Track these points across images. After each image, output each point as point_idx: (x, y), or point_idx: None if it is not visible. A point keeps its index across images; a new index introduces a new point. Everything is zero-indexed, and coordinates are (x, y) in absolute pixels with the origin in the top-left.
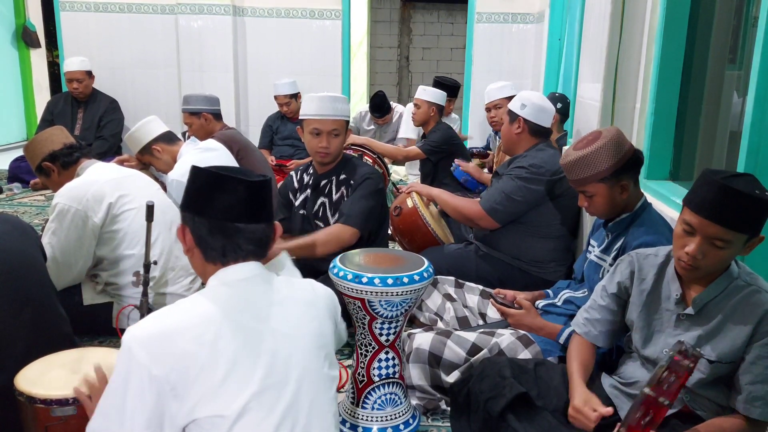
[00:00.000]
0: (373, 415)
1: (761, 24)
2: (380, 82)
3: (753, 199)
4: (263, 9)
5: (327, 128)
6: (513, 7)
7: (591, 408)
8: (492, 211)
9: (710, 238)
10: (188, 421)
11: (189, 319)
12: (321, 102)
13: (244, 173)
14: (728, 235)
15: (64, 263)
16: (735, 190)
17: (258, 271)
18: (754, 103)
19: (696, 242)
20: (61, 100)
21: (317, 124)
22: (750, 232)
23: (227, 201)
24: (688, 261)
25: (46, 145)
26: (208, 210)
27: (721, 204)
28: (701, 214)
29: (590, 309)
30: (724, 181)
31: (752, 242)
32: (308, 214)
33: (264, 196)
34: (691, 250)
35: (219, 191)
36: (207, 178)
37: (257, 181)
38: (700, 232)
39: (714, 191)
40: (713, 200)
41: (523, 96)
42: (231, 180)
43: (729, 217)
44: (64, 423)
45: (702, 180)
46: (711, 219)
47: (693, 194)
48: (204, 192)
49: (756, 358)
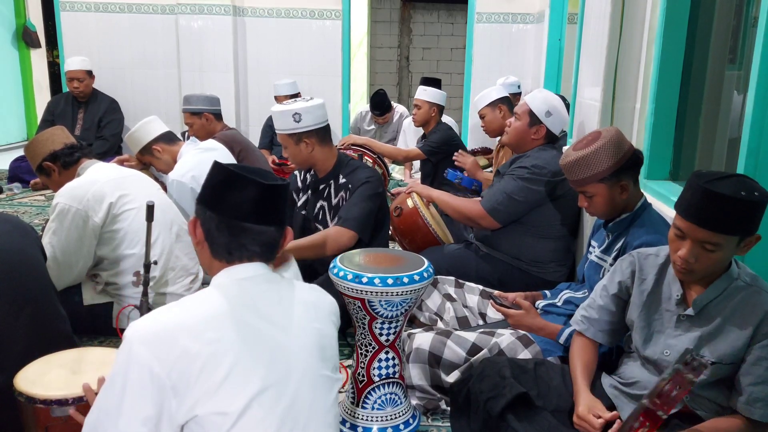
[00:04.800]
0: (373, 415)
1: (761, 24)
2: (380, 82)
3: (738, 202)
4: (263, 9)
5: (281, 140)
6: (513, 7)
7: (595, 415)
8: (493, 211)
9: (700, 242)
10: (188, 418)
11: (191, 317)
12: (273, 116)
13: (261, 175)
14: (717, 238)
15: (65, 263)
16: (718, 194)
17: (261, 271)
18: (754, 103)
19: (687, 247)
20: (62, 100)
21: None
22: (740, 233)
23: (237, 199)
24: (681, 265)
25: (47, 145)
26: (219, 206)
27: (705, 208)
28: (688, 219)
29: (589, 308)
30: (707, 185)
31: (747, 242)
32: (308, 216)
33: (277, 199)
34: (683, 254)
35: (231, 189)
36: (223, 175)
37: (270, 184)
38: (689, 236)
39: (698, 195)
40: (698, 205)
41: (550, 102)
42: (244, 179)
43: (715, 220)
44: (64, 423)
45: (688, 184)
46: (698, 224)
47: (681, 199)
48: (218, 188)
49: (757, 359)
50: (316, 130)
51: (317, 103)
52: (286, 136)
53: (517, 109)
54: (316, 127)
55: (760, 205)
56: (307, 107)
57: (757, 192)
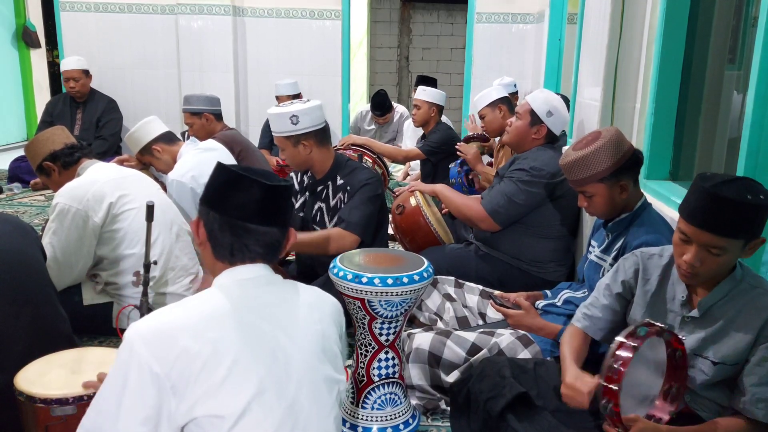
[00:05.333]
0: (373, 415)
1: (761, 24)
2: (380, 82)
3: (743, 205)
4: (263, 9)
5: (277, 143)
6: (513, 7)
7: (583, 383)
8: (494, 214)
9: (705, 246)
10: (188, 419)
11: (192, 317)
12: (270, 119)
13: (265, 176)
14: (722, 242)
15: (65, 263)
16: (724, 198)
17: (264, 272)
18: (754, 103)
19: (693, 251)
20: (60, 101)
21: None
22: (746, 237)
23: (240, 200)
24: (686, 269)
25: (47, 145)
26: (222, 206)
27: (710, 212)
28: (693, 223)
29: (591, 306)
30: (712, 188)
31: (752, 244)
32: (306, 217)
33: (280, 200)
34: (689, 259)
35: (234, 189)
36: (226, 175)
37: (274, 185)
38: (695, 240)
39: (703, 199)
40: (703, 208)
41: (551, 102)
42: (247, 180)
43: (720, 224)
44: (64, 423)
45: (693, 187)
46: (702, 227)
47: (685, 202)
48: (221, 188)
49: (761, 360)
50: (315, 131)
51: (314, 104)
52: (283, 138)
53: (518, 109)
54: (314, 129)
55: (765, 208)
56: (305, 109)
57: (762, 195)
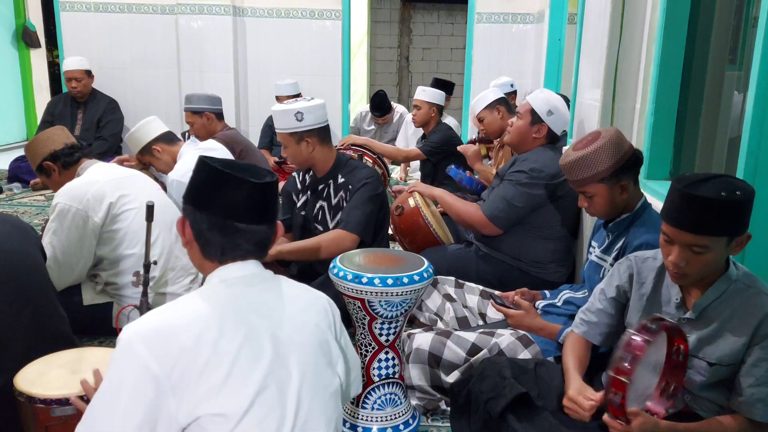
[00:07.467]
0: (373, 415)
1: (761, 24)
2: (380, 82)
3: (718, 203)
4: (263, 9)
5: (281, 140)
6: (513, 7)
7: (586, 397)
8: (494, 219)
9: (688, 246)
10: (191, 420)
11: (190, 316)
12: (274, 115)
13: (251, 172)
14: (703, 240)
15: (65, 263)
16: (697, 197)
17: (257, 270)
18: (754, 103)
19: (676, 251)
20: (61, 101)
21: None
22: (727, 234)
23: (230, 200)
24: (673, 269)
25: (47, 145)
26: (210, 206)
27: (686, 212)
28: (672, 224)
29: (588, 311)
30: (686, 189)
31: (738, 241)
32: (308, 216)
33: (269, 197)
34: (673, 259)
35: (223, 189)
36: (212, 173)
37: (263, 183)
38: (676, 241)
39: (678, 200)
40: (679, 209)
41: (552, 102)
42: (236, 179)
43: (697, 223)
44: (64, 423)
45: (670, 189)
46: (680, 227)
47: (664, 204)
48: (207, 187)
49: (757, 360)
50: (317, 129)
51: (319, 102)
52: (287, 135)
53: (519, 108)
54: (317, 127)
55: (743, 204)
56: (309, 107)
57: (739, 191)
